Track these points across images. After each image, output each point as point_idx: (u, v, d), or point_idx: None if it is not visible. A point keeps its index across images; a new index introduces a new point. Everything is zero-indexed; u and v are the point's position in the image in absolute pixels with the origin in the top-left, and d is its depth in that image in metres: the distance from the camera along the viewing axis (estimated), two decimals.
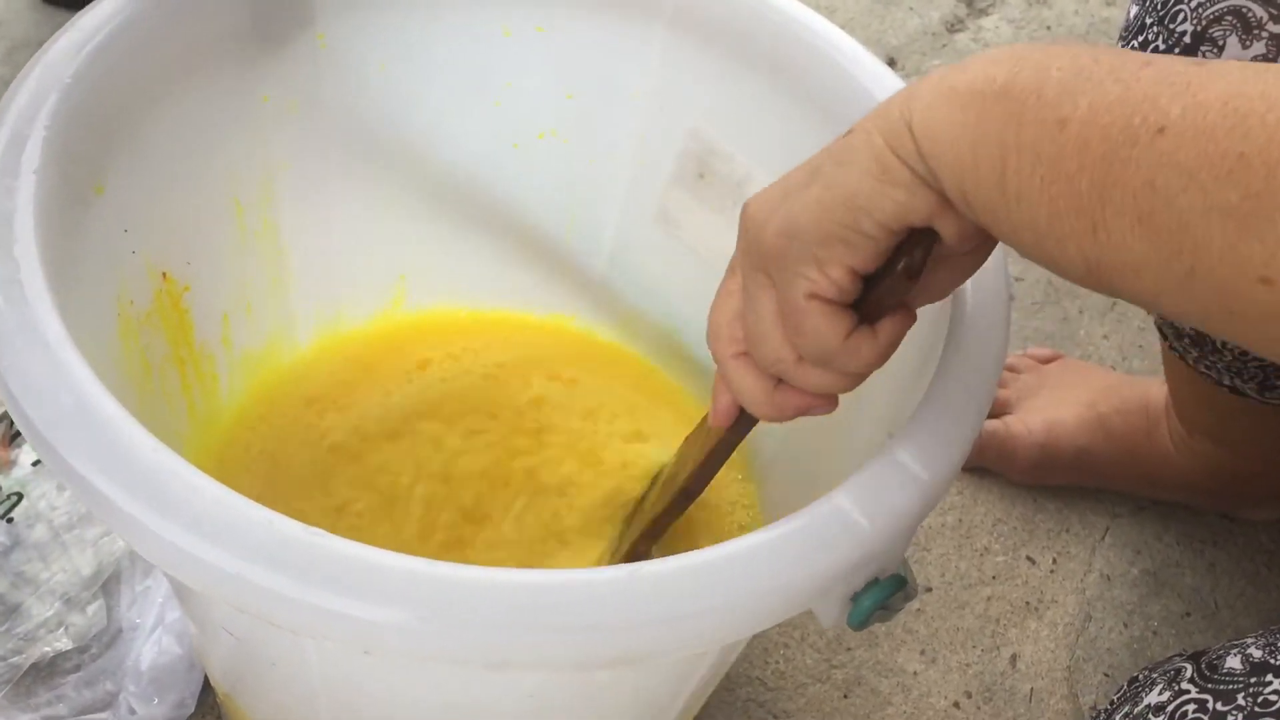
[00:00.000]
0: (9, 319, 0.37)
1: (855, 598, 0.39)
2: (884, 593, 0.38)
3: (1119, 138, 0.30)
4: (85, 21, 0.46)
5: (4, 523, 0.66)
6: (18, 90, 0.43)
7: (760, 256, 0.38)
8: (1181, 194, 0.29)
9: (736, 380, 0.41)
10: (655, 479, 0.57)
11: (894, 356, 0.39)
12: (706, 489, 0.50)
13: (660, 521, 0.52)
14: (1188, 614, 0.73)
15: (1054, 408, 0.76)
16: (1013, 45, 0.34)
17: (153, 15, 0.48)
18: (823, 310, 0.37)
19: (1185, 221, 0.29)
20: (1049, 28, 1.09)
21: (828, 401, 0.41)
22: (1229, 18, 0.49)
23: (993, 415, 0.77)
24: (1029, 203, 0.32)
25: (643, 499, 0.57)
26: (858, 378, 0.39)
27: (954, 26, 1.08)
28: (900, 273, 0.36)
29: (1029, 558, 0.74)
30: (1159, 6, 0.53)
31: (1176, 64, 0.31)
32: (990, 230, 0.34)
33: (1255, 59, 0.49)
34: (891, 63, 1.04)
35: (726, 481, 0.62)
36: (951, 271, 0.39)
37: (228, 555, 0.33)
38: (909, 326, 0.39)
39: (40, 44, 0.45)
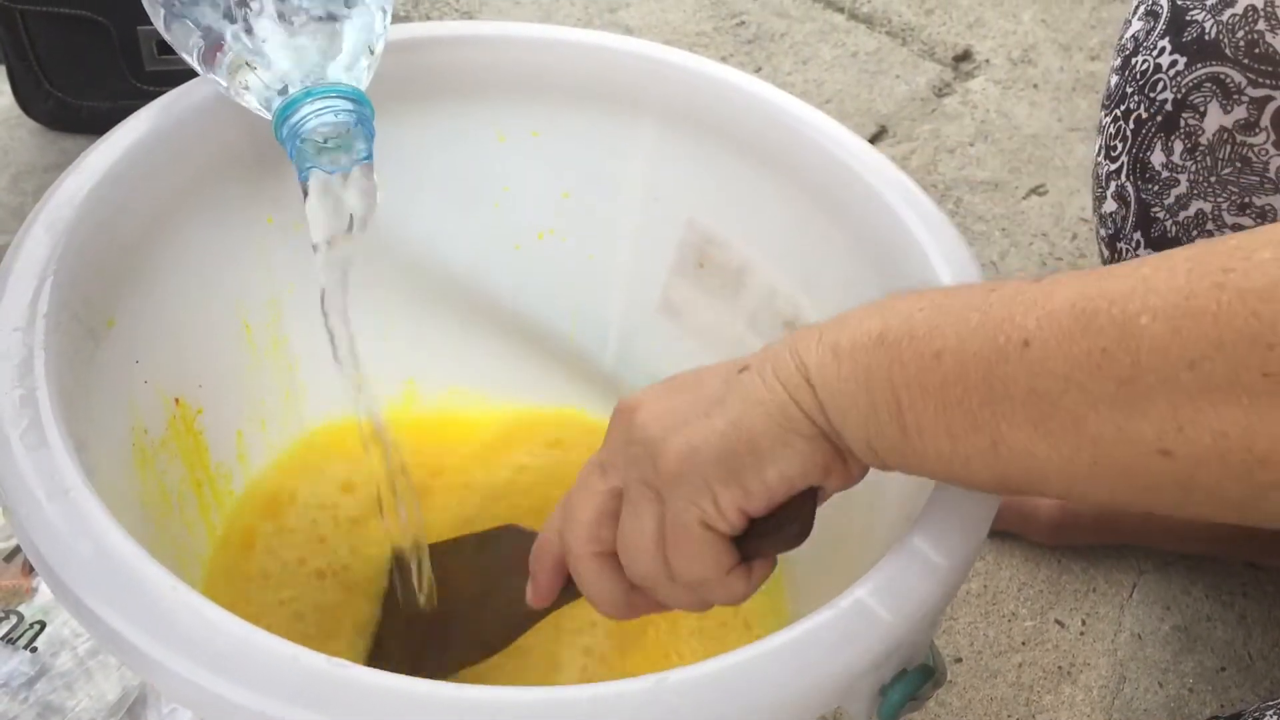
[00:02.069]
0: (26, 467, 0.37)
1: (884, 691, 0.38)
2: (912, 684, 0.38)
3: (991, 358, 0.33)
4: (89, 162, 0.47)
5: (28, 652, 0.66)
6: (25, 235, 0.44)
7: (655, 474, 0.39)
8: (1064, 395, 0.32)
9: (593, 581, 0.42)
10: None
11: None
12: None
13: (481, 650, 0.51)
14: (1222, 669, 0.72)
15: None
16: (877, 301, 0.38)
17: (154, 150, 0.49)
18: (712, 541, 0.38)
19: (1076, 418, 0.32)
20: (1035, 85, 1.10)
21: (672, 609, 0.42)
22: (1208, 84, 0.50)
23: None
24: (929, 433, 0.35)
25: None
26: (712, 605, 0.41)
27: (941, 91, 1.09)
28: (791, 535, 0.38)
29: (1058, 621, 0.74)
30: (1138, 76, 0.54)
31: (1018, 284, 0.34)
32: (899, 469, 0.37)
33: (1237, 123, 0.50)
34: (883, 130, 1.05)
35: None
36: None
37: (251, 693, 0.33)
38: (772, 571, 0.41)
39: (45, 170, 0.46)
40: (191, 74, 0.51)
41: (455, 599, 0.53)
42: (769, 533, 0.39)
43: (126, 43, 0.88)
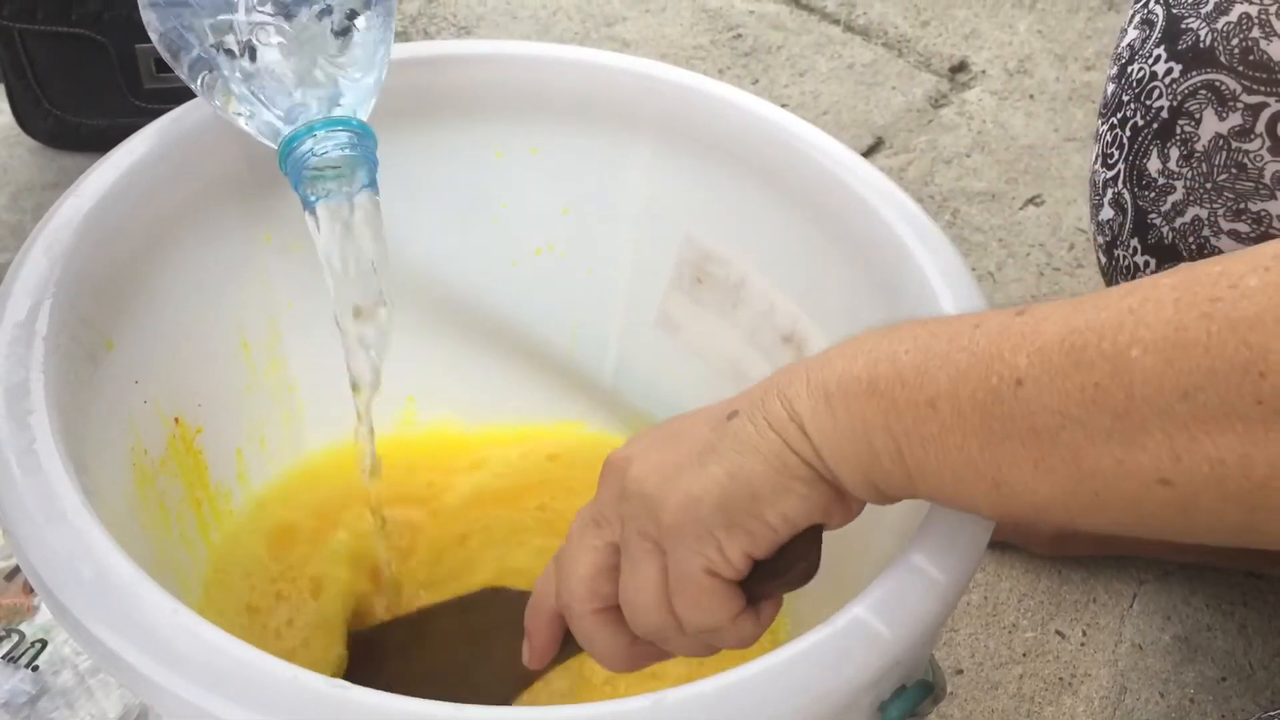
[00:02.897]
0: (26, 490, 0.37)
1: (883, 707, 0.38)
2: (912, 700, 0.38)
3: (986, 400, 0.33)
4: (87, 183, 0.47)
5: (29, 671, 0.66)
6: (24, 257, 0.44)
7: (655, 527, 0.38)
8: (1061, 431, 0.32)
9: (596, 637, 0.42)
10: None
11: None
12: None
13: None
14: (1223, 679, 0.72)
15: None
16: (856, 338, 0.37)
17: (153, 171, 0.49)
18: (718, 588, 0.38)
19: (1075, 452, 0.32)
20: (1031, 96, 1.10)
21: (676, 656, 0.42)
22: (1203, 92, 0.50)
23: None
24: (932, 474, 0.35)
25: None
26: (719, 650, 0.41)
27: (938, 102, 1.10)
28: (799, 572, 0.39)
29: (1058, 631, 0.74)
30: (1134, 84, 0.54)
31: (1001, 317, 0.34)
32: (908, 499, 0.37)
33: (1232, 130, 0.50)
34: (880, 142, 1.05)
35: None
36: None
37: (250, 714, 0.33)
38: (779, 610, 0.41)
39: (43, 188, 0.47)
40: (190, 93, 0.52)
41: (442, 666, 0.53)
42: (776, 574, 0.39)
43: (125, 61, 0.88)
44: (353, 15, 0.47)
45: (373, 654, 0.55)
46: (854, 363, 0.36)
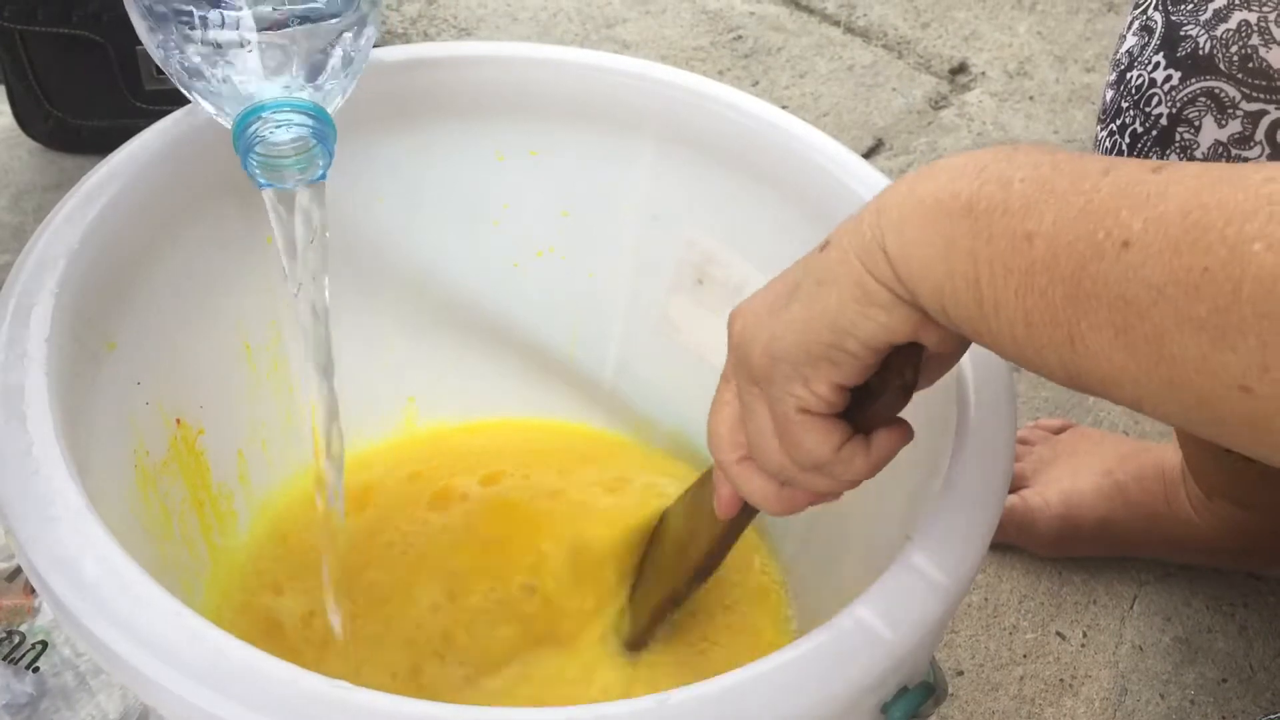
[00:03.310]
0: (28, 491, 0.37)
1: (885, 709, 0.38)
2: (914, 702, 0.38)
3: (1086, 253, 0.31)
4: (89, 185, 0.47)
5: (30, 672, 0.66)
6: (25, 259, 0.44)
7: (750, 372, 0.40)
8: (1153, 307, 0.30)
9: (744, 484, 0.43)
10: (656, 533, 0.57)
11: (907, 453, 0.40)
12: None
13: (678, 595, 0.53)
14: (1224, 680, 0.72)
15: (1071, 478, 0.76)
16: (976, 152, 0.35)
17: (154, 172, 0.49)
18: (813, 424, 0.38)
19: (1160, 333, 0.30)
20: (1031, 98, 1.10)
21: (833, 497, 0.43)
22: (1203, 99, 0.50)
23: (1010, 489, 0.76)
24: (1006, 313, 0.33)
25: (646, 554, 0.57)
26: (854, 483, 0.41)
27: (938, 103, 1.10)
28: (895, 390, 0.38)
29: (1059, 633, 0.74)
30: (1134, 91, 0.54)
31: (1136, 171, 0.31)
32: (973, 339, 0.35)
33: (1231, 138, 0.50)
34: (880, 144, 1.05)
35: (754, 579, 0.62)
36: (937, 367, 0.41)
37: (252, 714, 0.33)
38: (904, 443, 0.40)
39: (45, 189, 0.46)
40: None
41: (675, 535, 0.55)
42: (875, 395, 0.38)
43: (125, 62, 0.88)
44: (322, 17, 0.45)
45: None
46: (961, 178, 0.34)
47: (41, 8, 0.85)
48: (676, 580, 0.53)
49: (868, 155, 1.04)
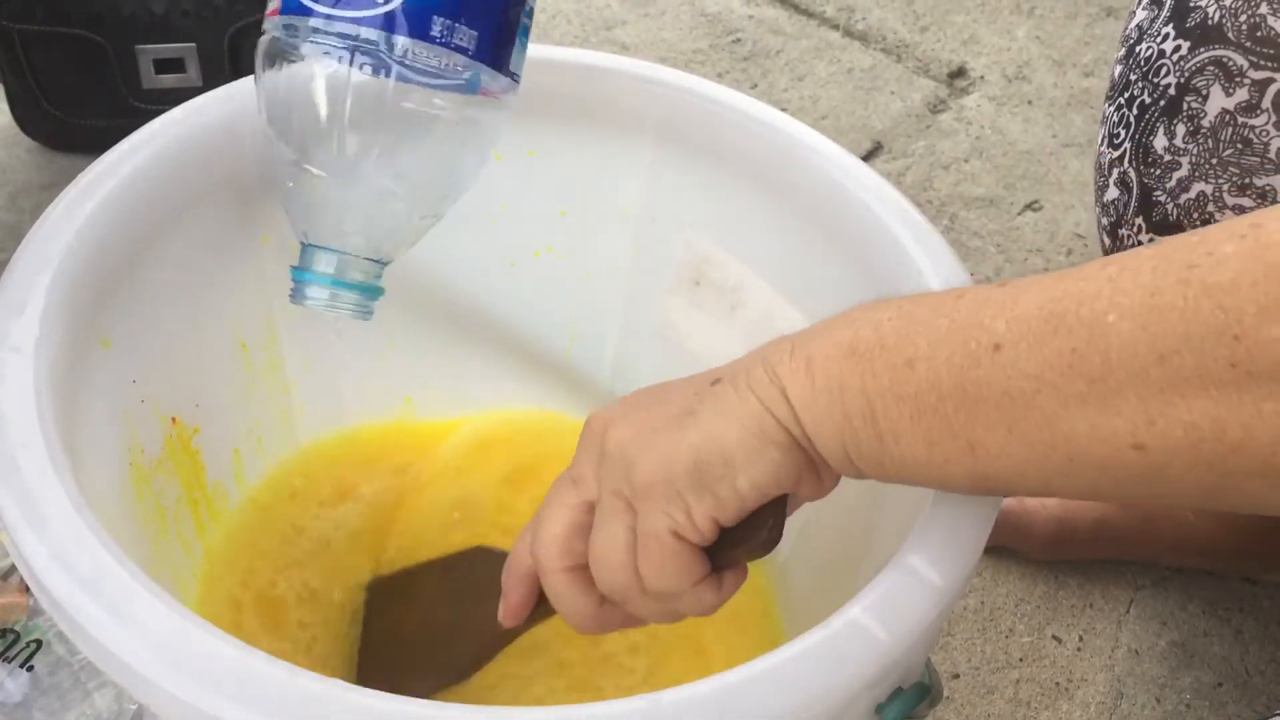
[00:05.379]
0: (22, 489, 0.37)
1: (880, 710, 0.38)
2: (909, 703, 0.38)
3: (963, 363, 0.33)
4: (85, 183, 0.47)
5: (25, 671, 0.66)
6: (21, 256, 0.44)
7: (628, 485, 0.39)
8: (1036, 395, 0.32)
9: (565, 596, 0.42)
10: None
11: None
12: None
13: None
14: (1220, 684, 0.72)
15: None
16: (846, 311, 0.38)
17: (150, 170, 0.49)
18: (682, 551, 0.39)
19: (1049, 417, 0.32)
20: (1029, 102, 1.11)
21: (641, 624, 0.43)
22: (1211, 68, 0.51)
23: None
24: (906, 439, 0.35)
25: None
26: (682, 617, 0.41)
27: (936, 107, 1.10)
28: (764, 541, 0.39)
29: (1055, 636, 0.73)
30: (1142, 63, 0.54)
31: (984, 289, 0.35)
32: (878, 477, 0.37)
33: (1239, 105, 0.50)
34: (878, 147, 1.05)
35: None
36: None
37: (247, 714, 0.33)
38: (743, 582, 0.41)
39: (42, 188, 0.46)
40: (188, 94, 0.52)
41: (428, 623, 0.53)
42: (740, 541, 0.39)
43: (124, 62, 0.88)
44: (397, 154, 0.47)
45: (356, 614, 0.56)
46: (839, 330, 0.37)
47: (40, 7, 0.85)
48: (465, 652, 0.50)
49: (866, 158, 1.04)
